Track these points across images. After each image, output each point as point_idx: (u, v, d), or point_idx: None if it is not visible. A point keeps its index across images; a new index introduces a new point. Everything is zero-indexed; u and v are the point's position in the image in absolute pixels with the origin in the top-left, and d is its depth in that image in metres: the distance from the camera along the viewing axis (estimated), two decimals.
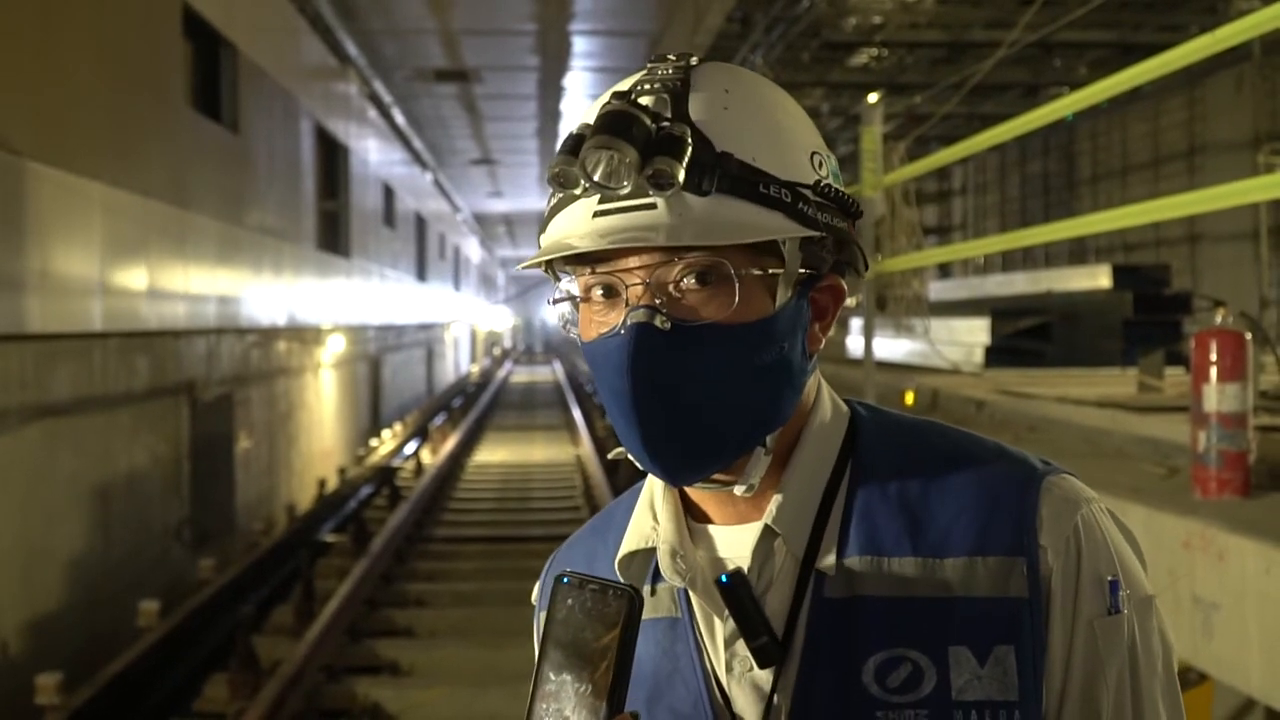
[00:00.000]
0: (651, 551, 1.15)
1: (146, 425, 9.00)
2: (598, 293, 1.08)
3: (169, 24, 9.80)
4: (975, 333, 11.98)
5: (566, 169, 1.05)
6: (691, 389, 1.05)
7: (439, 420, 21.68)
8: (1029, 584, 1.05)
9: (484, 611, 8.03)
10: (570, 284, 1.12)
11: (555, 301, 1.14)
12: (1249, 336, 4.36)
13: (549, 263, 1.11)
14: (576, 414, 22.19)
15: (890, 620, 1.06)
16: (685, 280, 1.04)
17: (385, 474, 14.73)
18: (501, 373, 42.66)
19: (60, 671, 6.08)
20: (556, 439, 19.40)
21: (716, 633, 1.12)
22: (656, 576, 1.16)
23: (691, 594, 1.13)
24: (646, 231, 1.02)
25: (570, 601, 0.97)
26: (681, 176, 1.01)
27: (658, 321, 1.03)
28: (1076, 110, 7.00)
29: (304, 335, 14.77)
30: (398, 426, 20.91)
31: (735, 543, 1.13)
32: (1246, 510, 3.99)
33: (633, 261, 1.05)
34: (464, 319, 42.32)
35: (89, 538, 7.89)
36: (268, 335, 12.88)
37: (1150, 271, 13.88)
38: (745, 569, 1.10)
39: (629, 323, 1.04)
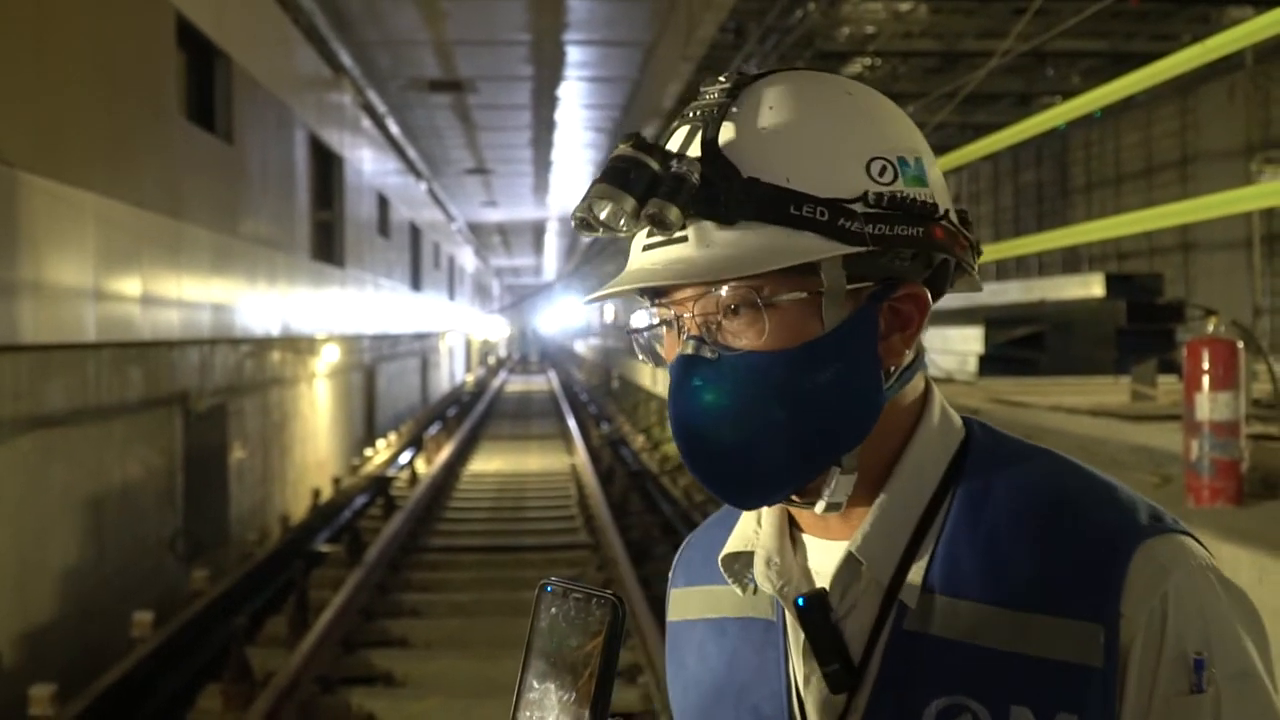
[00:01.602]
0: (752, 554, 1.17)
1: (140, 436, 8.98)
2: (667, 324, 1.11)
3: (163, 35, 9.80)
4: (969, 341, 11.99)
5: (583, 215, 1.07)
6: (738, 418, 1.06)
7: (434, 430, 21.67)
8: (1105, 652, 1.00)
9: (479, 622, 8.03)
10: (648, 315, 1.14)
11: (632, 332, 1.16)
12: (1241, 345, 4.37)
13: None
14: (571, 424, 22.21)
15: (958, 666, 1.04)
16: (727, 309, 1.06)
17: (380, 484, 14.71)
18: (496, 382, 42.69)
19: (54, 683, 6.07)
20: (551, 448, 19.41)
21: (803, 643, 1.12)
22: None
23: (783, 601, 1.15)
24: (677, 265, 1.04)
25: (554, 610, 0.97)
26: (673, 216, 1.02)
27: (706, 352, 1.06)
28: (1069, 119, 7.02)
29: (298, 345, 14.75)
30: (392, 436, 20.90)
31: (828, 557, 1.13)
32: (1239, 519, 4.00)
33: (686, 293, 1.07)
34: (459, 328, 42.31)
35: (82, 549, 7.87)
36: (262, 345, 12.87)
37: (1143, 280, 13.88)
38: (828, 588, 1.11)
39: (678, 354, 1.07)
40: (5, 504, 6.87)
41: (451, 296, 38.82)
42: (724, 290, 1.04)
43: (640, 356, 1.17)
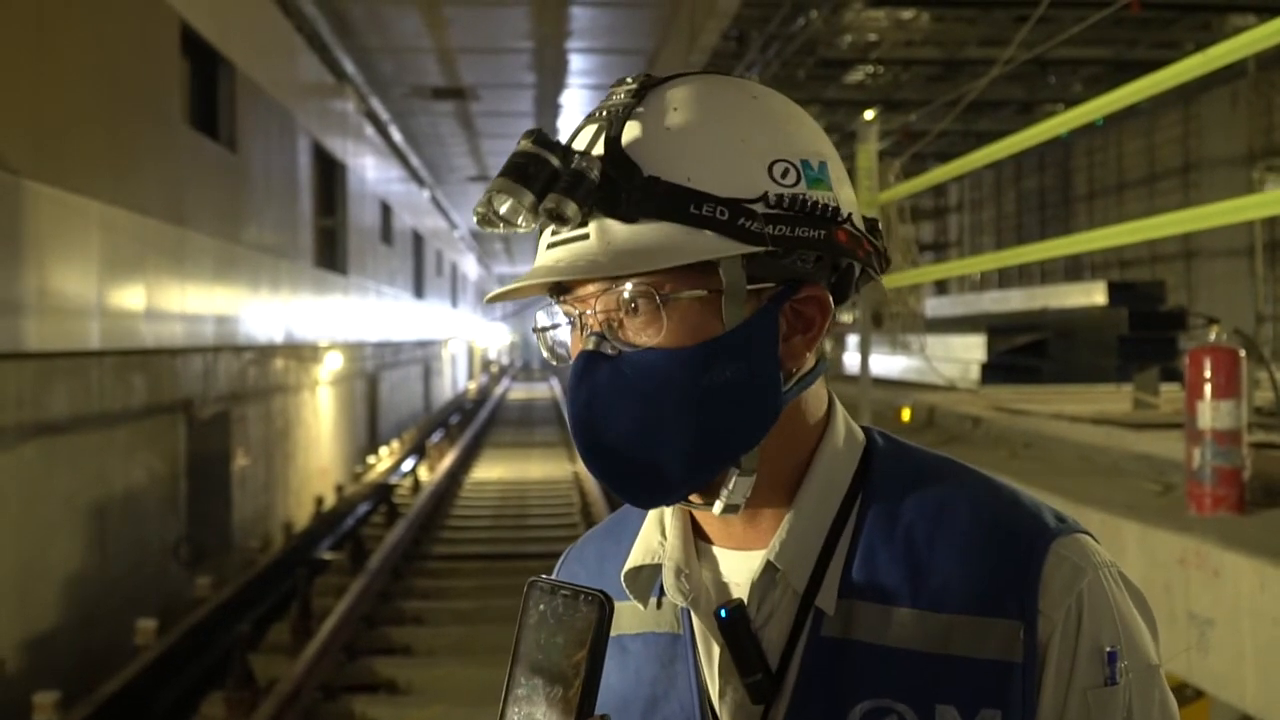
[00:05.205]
0: (657, 567, 1.15)
1: (143, 443, 8.99)
2: (569, 321, 1.10)
3: (167, 42, 9.83)
4: (971, 349, 12.01)
5: (483, 210, 1.07)
6: (635, 415, 1.05)
7: (436, 437, 21.67)
8: (1024, 649, 1.03)
9: (482, 630, 8.02)
10: (554, 313, 1.13)
11: (537, 330, 1.15)
12: (1243, 353, 4.38)
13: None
14: None
15: (881, 669, 1.05)
16: (627, 307, 1.05)
17: (383, 491, 14.71)
18: (499, 390, 42.66)
19: (58, 689, 6.08)
20: (554, 456, 19.38)
21: (714, 655, 1.11)
22: (662, 590, 1.16)
23: (693, 614, 1.13)
24: (579, 262, 1.03)
25: (542, 607, 0.98)
26: (571, 211, 1.02)
27: (606, 349, 1.05)
28: (1072, 127, 7.02)
29: (301, 352, 14.77)
30: (395, 444, 20.90)
31: (739, 567, 1.13)
32: (1241, 527, 4.00)
33: (589, 290, 1.07)
34: (461, 336, 42.33)
35: (86, 555, 7.88)
36: (265, 353, 12.88)
37: (1145, 288, 13.91)
38: (745, 600, 1.10)
39: (580, 350, 1.07)
40: (9, 510, 6.88)
41: (454, 304, 38.86)
42: (626, 287, 1.04)
43: (546, 355, 1.16)
